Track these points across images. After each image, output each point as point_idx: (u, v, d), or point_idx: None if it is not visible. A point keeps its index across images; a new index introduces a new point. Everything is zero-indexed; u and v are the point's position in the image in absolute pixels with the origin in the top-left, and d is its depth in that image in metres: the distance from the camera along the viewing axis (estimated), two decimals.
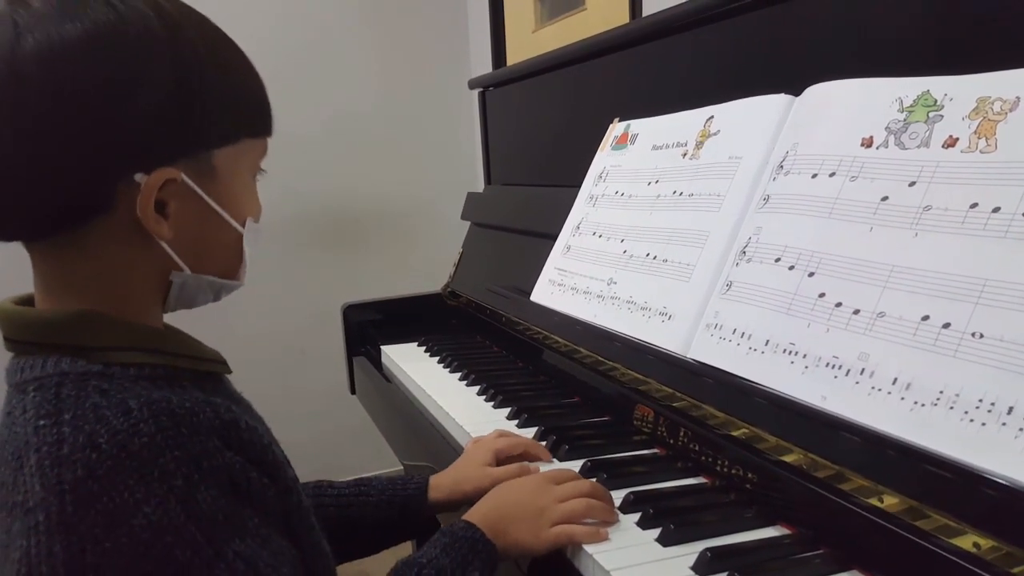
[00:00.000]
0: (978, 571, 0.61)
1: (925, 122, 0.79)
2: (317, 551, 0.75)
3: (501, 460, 1.03)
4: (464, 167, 3.10)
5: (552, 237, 1.45)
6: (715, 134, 1.11)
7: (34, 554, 0.57)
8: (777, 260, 0.89)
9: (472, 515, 0.86)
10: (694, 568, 0.75)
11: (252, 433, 0.66)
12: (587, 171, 1.43)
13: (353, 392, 1.88)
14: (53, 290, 0.67)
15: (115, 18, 0.60)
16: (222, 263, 0.73)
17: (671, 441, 1.02)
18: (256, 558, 0.62)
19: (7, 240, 0.66)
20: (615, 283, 1.19)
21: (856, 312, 0.78)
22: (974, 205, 0.71)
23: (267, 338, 2.78)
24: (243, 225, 0.73)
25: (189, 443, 0.60)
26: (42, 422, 0.59)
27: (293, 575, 0.65)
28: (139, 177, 0.63)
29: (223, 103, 0.67)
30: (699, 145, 1.13)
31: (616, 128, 1.40)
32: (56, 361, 0.63)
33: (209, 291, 0.74)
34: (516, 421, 1.20)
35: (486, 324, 1.70)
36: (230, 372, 0.76)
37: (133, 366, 0.64)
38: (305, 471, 0.82)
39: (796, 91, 0.99)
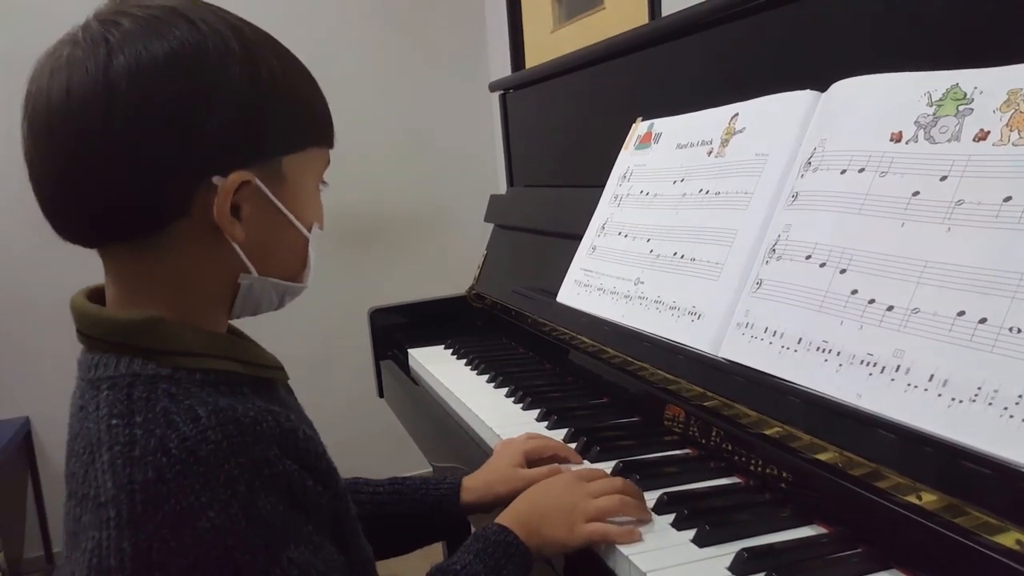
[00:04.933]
0: (1022, 569, 0.61)
1: (955, 116, 0.78)
2: (361, 557, 0.76)
3: (531, 461, 1.03)
4: (485, 169, 3.10)
5: (577, 238, 1.45)
6: (740, 131, 1.10)
7: (104, 547, 0.60)
8: (808, 257, 0.88)
9: (504, 518, 0.87)
10: (731, 568, 0.75)
11: (309, 442, 0.68)
12: (610, 171, 1.43)
13: (381, 395, 1.89)
14: (126, 293, 0.70)
15: (197, 37, 0.65)
16: (288, 266, 0.76)
17: (703, 441, 1.02)
18: (309, 565, 0.64)
19: (90, 246, 0.70)
20: (642, 283, 1.19)
21: (890, 308, 0.77)
22: (1008, 199, 0.71)
23: (294, 343, 2.79)
24: (309, 230, 0.76)
25: (252, 451, 0.62)
26: (115, 421, 0.63)
27: None
28: (217, 180, 0.66)
29: (292, 114, 0.71)
30: (724, 143, 1.12)
31: (639, 127, 1.40)
32: (129, 362, 0.66)
33: (274, 294, 0.76)
34: (546, 423, 1.20)
35: (512, 326, 1.70)
36: (287, 379, 0.78)
37: (199, 371, 0.67)
38: None
39: (820, 87, 0.98)
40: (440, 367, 1.61)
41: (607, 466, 1.00)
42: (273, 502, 0.63)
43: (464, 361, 1.62)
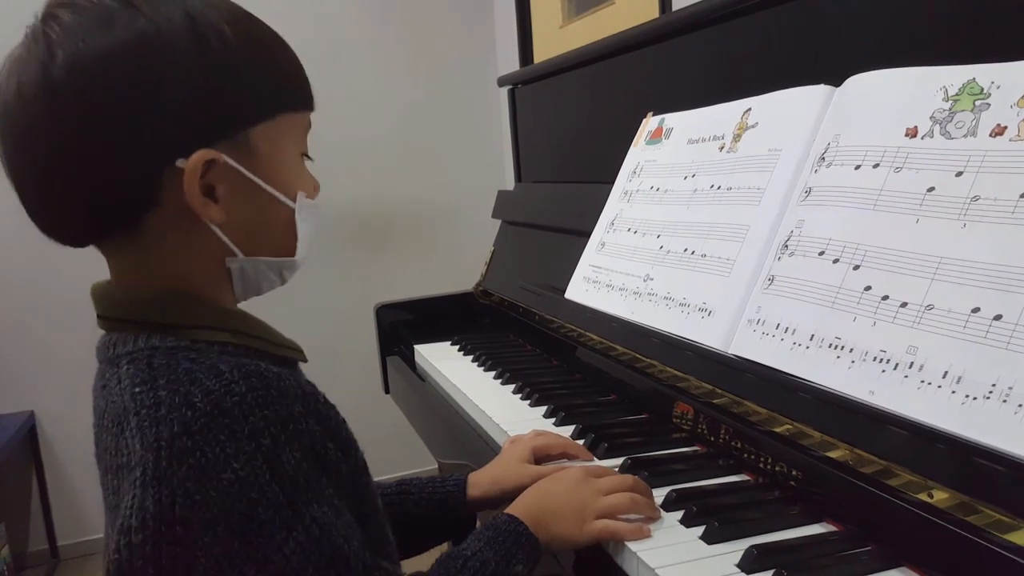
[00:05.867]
0: None
1: (971, 111, 0.77)
2: (383, 535, 0.76)
3: (538, 458, 1.03)
4: (493, 165, 3.10)
5: (585, 234, 1.44)
6: (753, 127, 1.09)
7: (128, 506, 0.60)
8: (821, 253, 0.88)
9: (515, 508, 0.86)
10: (740, 565, 0.74)
11: (330, 408, 0.69)
12: (620, 167, 1.42)
13: (387, 392, 1.89)
14: (128, 284, 0.70)
15: (139, 23, 0.63)
16: (277, 241, 0.74)
17: (712, 438, 1.01)
18: (331, 526, 0.64)
19: (76, 245, 0.70)
20: (652, 279, 1.18)
21: (904, 305, 0.76)
22: None
23: (300, 339, 2.80)
24: (293, 200, 0.73)
25: (278, 404, 0.62)
26: (138, 389, 0.63)
27: (361, 550, 0.66)
28: (180, 163, 0.64)
29: (253, 83, 0.68)
30: (737, 138, 1.12)
31: (650, 123, 1.39)
32: (147, 337, 0.67)
33: (270, 273, 0.75)
34: (553, 419, 1.19)
35: (519, 322, 1.70)
36: (306, 360, 0.78)
37: (217, 343, 0.68)
38: None
39: (835, 82, 0.98)
40: (447, 363, 1.60)
41: (615, 463, 1.00)
42: (297, 458, 0.63)
43: (471, 357, 1.62)
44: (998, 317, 0.68)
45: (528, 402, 1.29)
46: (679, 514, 0.85)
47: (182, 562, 0.59)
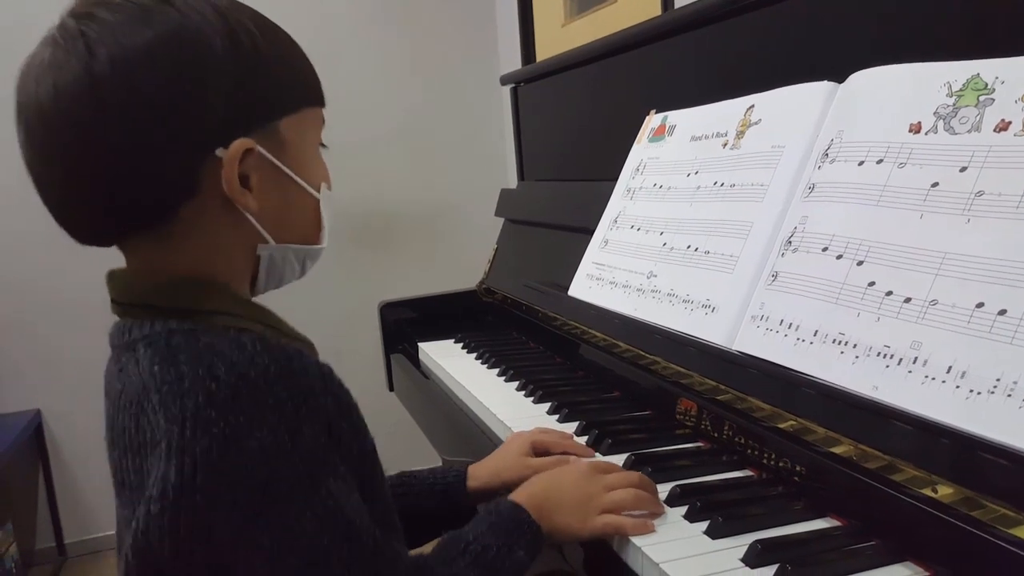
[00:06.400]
0: None
1: (975, 106, 0.77)
2: (391, 520, 0.76)
3: (539, 453, 1.03)
4: (496, 163, 3.10)
5: (588, 232, 1.44)
6: (756, 123, 1.09)
7: (153, 477, 0.61)
8: (824, 249, 0.88)
9: (518, 496, 0.86)
10: (744, 560, 0.74)
11: (344, 390, 0.70)
12: (623, 164, 1.42)
13: (391, 389, 1.89)
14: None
15: (176, 17, 0.65)
16: (304, 230, 0.77)
17: (715, 434, 1.02)
18: (345, 502, 0.65)
19: (107, 244, 0.71)
20: (655, 276, 1.18)
21: (907, 300, 0.76)
22: None
23: None
24: (318, 190, 0.76)
25: (299, 378, 0.64)
26: (157, 367, 0.64)
27: (372, 526, 0.67)
28: (220, 152, 0.67)
29: (280, 77, 0.72)
30: (740, 135, 1.12)
31: (653, 120, 1.39)
32: (164, 321, 0.67)
33: (295, 262, 0.77)
34: (557, 416, 1.20)
35: (522, 320, 1.70)
36: (316, 355, 0.78)
37: (234, 329, 0.68)
38: None
39: (838, 79, 0.98)
40: (451, 361, 1.61)
41: (619, 459, 1.00)
42: (316, 432, 0.64)
43: (475, 355, 1.62)
44: (1002, 312, 0.68)
45: (532, 399, 1.29)
46: (683, 509, 0.85)
47: (199, 532, 0.60)
